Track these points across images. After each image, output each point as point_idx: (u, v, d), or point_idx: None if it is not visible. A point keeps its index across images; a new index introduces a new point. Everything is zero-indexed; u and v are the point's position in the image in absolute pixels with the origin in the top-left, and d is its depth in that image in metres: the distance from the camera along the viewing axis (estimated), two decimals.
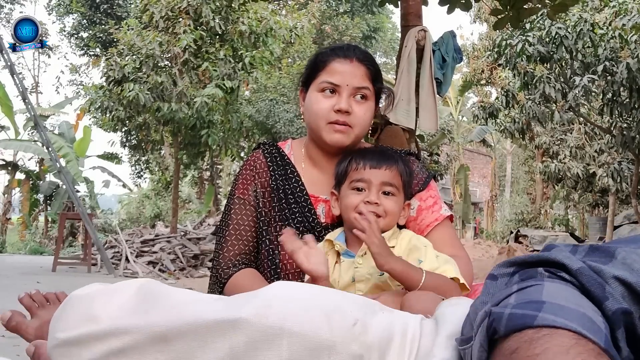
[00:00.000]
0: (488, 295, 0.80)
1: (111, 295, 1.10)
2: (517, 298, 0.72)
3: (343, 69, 1.49)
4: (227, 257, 1.52)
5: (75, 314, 1.10)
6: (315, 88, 1.51)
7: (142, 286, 1.11)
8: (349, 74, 1.48)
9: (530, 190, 22.24)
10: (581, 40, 8.72)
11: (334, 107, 1.47)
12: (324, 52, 1.55)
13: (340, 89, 1.48)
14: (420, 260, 1.34)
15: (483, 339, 0.73)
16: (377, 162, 1.43)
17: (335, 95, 1.49)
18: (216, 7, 10.75)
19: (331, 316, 0.97)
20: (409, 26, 4.47)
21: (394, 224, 1.43)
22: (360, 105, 1.50)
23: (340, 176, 1.48)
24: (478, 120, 11.30)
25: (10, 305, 1.35)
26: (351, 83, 1.48)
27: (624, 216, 12.47)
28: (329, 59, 1.51)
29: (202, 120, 10.82)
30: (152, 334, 1.01)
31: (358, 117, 1.49)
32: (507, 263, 0.82)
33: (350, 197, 1.43)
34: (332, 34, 19.54)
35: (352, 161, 1.46)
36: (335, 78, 1.48)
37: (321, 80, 1.50)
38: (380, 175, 1.42)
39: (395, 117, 4.30)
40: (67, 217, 10.36)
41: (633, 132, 9.24)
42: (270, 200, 1.56)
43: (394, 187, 1.43)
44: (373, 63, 1.54)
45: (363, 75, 1.50)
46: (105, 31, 18.27)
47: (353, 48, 1.54)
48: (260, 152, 1.63)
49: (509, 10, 4.68)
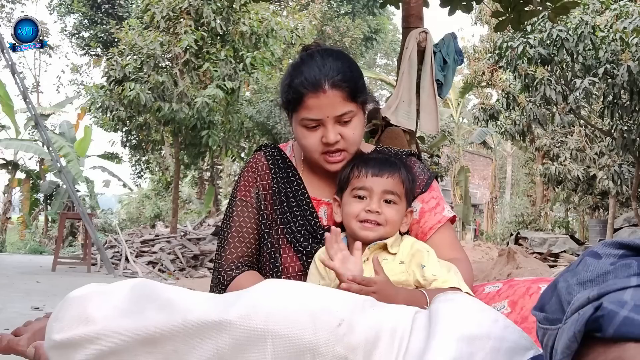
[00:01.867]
0: (588, 272, 0.68)
1: (106, 296, 1.11)
2: (635, 297, 0.61)
3: (319, 103, 1.42)
4: (229, 259, 1.52)
5: (70, 315, 1.11)
6: (297, 122, 1.47)
7: (135, 286, 1.11)
8: (327, 107, 1.42)
9: (531, 192, 22.24)
10: (582, 43, 8.72)
11: (322, 139, 1.45)
12: (295, 86, 1.45)
13: (322, 121, 1.44)
14: (423, 265, 1.34)
15: (579, 330, 0.63)
16: (379, 170, 1.42)
17: (320, 127, 1.45)
18: (217, 7, 10.76)
19: (316, 317, 0.97)
20: (410, 28, 4.48)
21: (395, 232, 1.43)
22: (348, 127, 1.46)
23: (343, 182, 1.47)
24: (479, 122, 11.31)
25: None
26: (331, 113, 1.43)
27: (624, 219, 12.47)
28: (302, 95, 1.43)
29: (202, 121, 10.82)
30: (141, 335, 1.02)
31: (349, 140, 1.46)
32: (617, 244, 0.70)
33: (352, 205, 1.42)
34: (333, 35, 19.55)
35: (354, 168, 1.45)
36: (314, 113, 1.43)
37: (301, 117, 1.45)
38: (382, 184, 1.41)
39: (396, 118, 4.30)
40: (67, 216, 10.36)
41: (633, 135, 9.24)
42: (272, 202, 1.56)
43: (395, 196, 1.42)
44: (348, 80, 1.44)
45: (341, 100, 1.43)
46: (106, 31, 18.29)
47: (324, 74, 1.43)
48: (262, 154, 1.62)
49: (510, 13, 4.68)
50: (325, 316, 0.97)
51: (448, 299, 1.05)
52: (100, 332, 1.05)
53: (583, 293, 0.65)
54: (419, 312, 1.05)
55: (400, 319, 1.02)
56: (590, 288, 0.65)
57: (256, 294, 1.01)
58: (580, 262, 0.72)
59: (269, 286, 1.04)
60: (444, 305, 1.03)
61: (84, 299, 1.12)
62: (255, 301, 0.99)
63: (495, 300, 1.34)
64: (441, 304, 1.04)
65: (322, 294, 1.03)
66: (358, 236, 1.40)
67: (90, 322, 1.07)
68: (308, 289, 1.05)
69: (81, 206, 9.66)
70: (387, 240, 1.39)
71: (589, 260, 0.70)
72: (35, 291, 6.17)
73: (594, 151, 12.52)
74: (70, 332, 1.08)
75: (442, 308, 1.02)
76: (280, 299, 0.99)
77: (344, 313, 0.99)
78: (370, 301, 1.06)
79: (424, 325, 1.00)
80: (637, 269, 0.64)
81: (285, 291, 1.02)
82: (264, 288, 1.03)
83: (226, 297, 1.04)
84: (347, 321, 0.97)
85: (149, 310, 1.04)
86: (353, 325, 0.98)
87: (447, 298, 1.06)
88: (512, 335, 0.98)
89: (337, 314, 0.98)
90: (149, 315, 1.03)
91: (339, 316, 0.98)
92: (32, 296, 5.49)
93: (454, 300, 1.04)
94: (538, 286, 1.28)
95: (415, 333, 0.99)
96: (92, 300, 1.11)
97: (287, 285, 1.05)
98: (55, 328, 1.11)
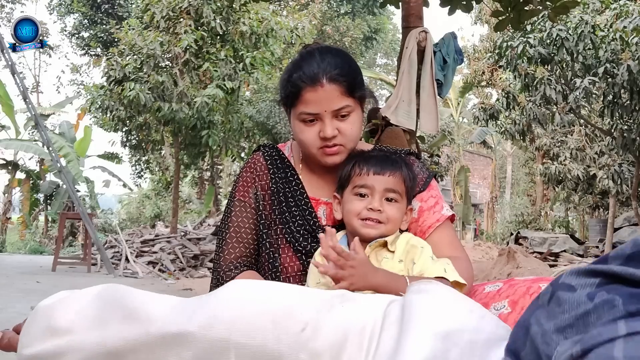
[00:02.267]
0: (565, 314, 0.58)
1: (72, 306, 1.10)
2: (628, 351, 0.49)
3: (317, 97, 1.43)
4: (227, 259, 1.52)
5: (37, 328, 1.11)
6: (295, 117, 1.48)
7: (102, 293, 1.11)
8: (325, 100, 1.43)
9: (531, 192, 22.25)
10: (582, 42, 8.72)
11: (319, 134, 1.46)
12: (293, 81, 1.46)
13: (320, 116, 1.45)
14: (414, 262, 1.34)
15: None
16: (380, 168, 1.42)
17: (317, 122, 1.46)
18: (217, 7, 10.75)
19: (279, 323, 0.94)
20: (410, 27, 4.47)
21: (396, 230, 1.43)
22: (346, 122, 1.46)
23: (344, 180, 1.47)
24: (478, 121, 11.30)
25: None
26: (329, 108, 1.44)
27: (624, 218, 12.47)
28: (300, 89, 1.44)
29: (202, 121, 10.82)
30: (106, 349, 1.01)
31: (346, 135, 1.46)
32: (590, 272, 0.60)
33: (353, 202, 1.42)
34: (332, 35, 19.54)
35: (355, 166, 1.45)
36: (312, 107, 1.44)
37: (299, 111, 1.46)
38: (383, 182, 1.41)
39: (396, 118, 4.30)
40: (67, 216, 10.36)
41: (634, 134, 9.24)
42: (271, 202, 1.56)
43: (397, 194, 1.42)
44: (345, 75, 1.45)
45: (339, 95, 1.44)
46: (106, 31, 18.28)
47: (322, 69, 1.44)
48: (260, 154, 1.63)
49: (510, 12, 4.68)
50: (288, 321, 0.95)
51: (422, 290, 1.02)
52: (66, 346, 1.04)
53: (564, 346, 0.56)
54: (392, 303, 1.01)
55: (371, 314, 0.98)
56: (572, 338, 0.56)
57: (218, 301, 0.98)
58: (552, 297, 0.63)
59: (232, 290, 1.01)
60: (417, 297, 1.00)
61: (51, 309, 1.12)
62: (216, 309, 0.96)
63: (495, 299, 1.34)
64: (414, 295, 1.01)
65: (286, 296, 1.00)
66: (359, 234, 1.40)
67: (57, 334, 1.06)
68: (272, 291, 1.02)
69: (81, 206, 9.65)
70: (388, 238, 1.39)
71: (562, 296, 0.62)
72: (36, 291, 6.17)
73: (594, 150, 12.51)
74: (38, 347, 1.07)
75: (415, 300, 0.99)
76: (242, 305, 0.97)
77: (309, 315, 0.96)
78: (340, 296, 1.03)
79: (397, 319, 0.97)
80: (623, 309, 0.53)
81: (247, 296, 0.99)
82: (227, 293, 1.00)
83: (190, 304, 1.02)
84: (312, 324, 0.95)
85: (114, 321, 1.03)
86: (318, 327, 0.95)
87: (420, 289, 1.03)
88: (489, 325, 0.96)
89: (301, 317, 0.96)
90: (113, 327, 1.02)
91: (303, 319, 0.95)
92: (32, 296, 5.49)
93: (427, 291, 1.01)
94: (539, 286, 1.28)
95: (387, 330, 0.96)
96: (58, 310, 1.10)
97: (251, 288, 1.02)
98: (25, 342, 1.11)
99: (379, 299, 1.04)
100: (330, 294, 1.04)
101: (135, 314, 1.02)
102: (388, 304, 1.01)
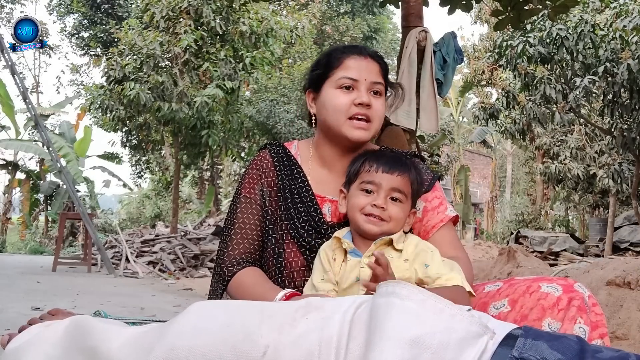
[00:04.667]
0: None
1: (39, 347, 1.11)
2: None
3: (359, 65, 1.52)
4: (232, 255, 1.53)
5: None
6: (331, 85, 1.53)
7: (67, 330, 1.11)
8: (366, 70, 1.52)
9: (531, 191, 22.24)
10: (582, 42, 8.71)
11: (354, 101, 1.50)
12: (336, 50, 1.58)
13: (358, 84, 1.51)
14: (427, 264, 1.34)
15: None
16: (390, 167, 1.44)
17: (352, 91, 1.51)
18: (217, 7, 10.75)
19: (239, 349, 0.92)
20: (409, 27, 4.47)
21: (398, 229, 1.43)
22: (377, 100, 1.54)
23: (352, 175, 1.49)
24: (478, 121, 11.29)
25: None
26: (369, 78, 1.52)
27: (624, 217, 12.46)
28: (343, 56, 1.54)
29: (202, 121, 10.81)
30: None
31: (376, 111, 1.53)
32: None
33: (359, 197, 1.44)
34: (332, 35, 19.54)
35: (365, 162, 1.47)
36: (353, 73, 1.52)
37: (339, 76, 1.52)
38: (391, 181, 1.43)
39: (396, 117, 4.30)
40: (67, 217, 10.36)
41: (633, 134, 9.23)
42: (277, 199, 1.57)
43: (402, 194, 1.43)
44: (383, 60, 1.59)
45: (378, 71, 1.54)
46: (106, 31, 18.28)
47: (363, 46, 1.60)
48: (267, 152, 1.65)
49: (510, 11, 4.68)
50: (248, 346, 0.93)
51: (389, 292, 1.00)
52: None
53: None
54: (361, 307, 0.99)
55: (337, 323, 0.96)
56: None
57: (176, 332, 0.97)
58: None
59: (190, 319, 0.99)
60: (385, 301, 0.98)
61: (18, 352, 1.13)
62: (174, 342, 0.95)
63: (495, 298, 1.34)
64: (382, 299, 0.99)
65: (247, 318, 0.98)
66: (361, 229, 1.41)
67: None
68: (233, 312, 1.00)
69: (81, 206, 9.65)
70: (393, 236, 1.40)
71: None
72: (36, 291, 6.17)
73: (594, 150, 12.50)
74: None
75: (383, 305, 0.97)
76: (201, 333, 0.95)
77: (270, 337, 0.94)
78: (304, 307, 1.01)
79: (365, 326, 0.95)
80: None
81: (206, 322, 0.97)
82: (185, 322, 0.99)
83: (149, 337, 1.01)
84: (272, 346, 0.93)
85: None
86: (280, 349, 0.93)
87: (388, 291, 1.01)
88: (461, 323, 0.94)
89: (261, 340, 0.94)
90: None
91: (264, 343, 0.93)
92: (32, 296, 5.49)
93: (395, 293, 0.99)
94: (538, 285, 1.28)
95: (355, 339, 0.94)
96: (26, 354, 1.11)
97: (210, 314, 1.00)
98: None
99: (347, 303, 1.01)
100: (295, 307, 1.02)
101: (97, 356, 1.02)
102: (356, 308, 0.99)
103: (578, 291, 1.24)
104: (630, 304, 3.50)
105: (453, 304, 0.98)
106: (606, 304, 3.57)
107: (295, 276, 1.49)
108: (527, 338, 0.92)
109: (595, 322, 1.23)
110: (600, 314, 1.25)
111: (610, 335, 3.38)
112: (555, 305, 1.22)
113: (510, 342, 0.92)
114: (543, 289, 1.26)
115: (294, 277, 1.49)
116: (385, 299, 0.98)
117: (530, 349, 0.88)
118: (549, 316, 1.22)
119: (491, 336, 0.93)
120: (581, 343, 0.90)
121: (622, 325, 3.40)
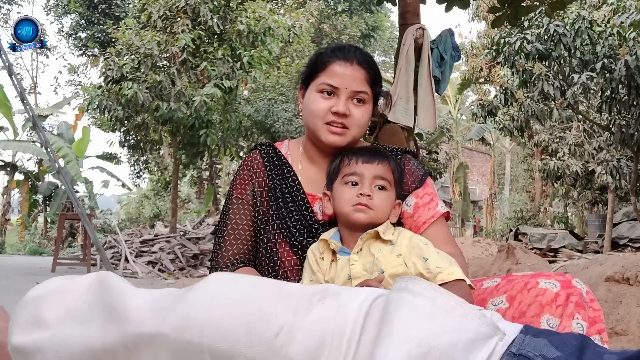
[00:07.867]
0: None
1: (62, 296, 1.11)
2: None
3: (343, 72, 1.50)
4: (225, 256, 1.54)
5: (25, 317, 1.11)
6: (314, 88, 1.53)
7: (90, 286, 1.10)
8: (349, 77, 1.50)
9: (530, 188, 22.25)
10: (579, 38, 8.71)
11: (331, 108, 1.49)
12: (325, 53, 1.56)
13: (338, 92, 1.50)
14: (426, 258, 1.33)
15: None
16: (369, 157, 1.45)
17: (333, 97, 1.50)
18: (214, 6, 10.73)
19: (253, 327, 0.92)
20: (407, 24, 4.47)
21: (385, 219, 1.44)
22: (358, 108, 1.51)
23: (332, 174, 1.49)
24: (477, 118, 11.30)
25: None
26: (350, 86, 1.50)
27: (623, 213, 12.47)
28: (329, 60, 1.52)
29: (200, 120, 10.81)
30: (86, 348, 1.02)
31: (355, 120, 1.50)
32: None
33: (344, 191, 1.44)
34: (330, 33, 19.53)
35: (344, 158, 1.48)
36: (335, 80, 1.50)
37: (320, 81, 1.51)
38: (372, 169, 1.44)
39: (394, 115, 4.29)
40: (66, 217, 10.34)
41: (632, 130, 9.23)
42: (268, 199, 1.58)
43: (386, 182, 1.44)
44: (373, 67, 1.55)
45: (362, 79, 1.51)
46: (103, 31, 18.25)
47: (354, 50, 1.55)
48: (257, 152, 1.66)
49: (507, 8, 4.67)
50: (262, 324, 0.92)
51: (402, 288, 0.99)
52: (49, 341, 1.05)
53: None
54: (378, 299, 0.99)
55: (353, 313, 0.95)
56: None
57: (194, 300, 0.97)
58: None
59: (210, 288, 0.99)
60: (397, 296, 0.97)
61: (41, 299, 1.13)
62: (190, 310, 0.95)
63: (493, 295, 1.34)
64: (396, 293, 0.98)
65: (264, 296, 0.97)
66: (351, 220, 1.41)
67: (43, 327, 1.07)
68: (250, 290, 0.99)
69: (80, 207, 9.64)
70: (379, 227, 1.39)
71: None
72: None
73: (592, 146, 12.51)
74: (24, 336, 1.08)
75: (396, 300, 0.96)
76: (216, 305, 0.95)
77: (285, 318, 0.93)
78: (322, 292, 1.00)
79: (378, 320, 0.94)
80: None
81: (223, 295, 0.97)
82: (205, 290, 0.98)
83: (167, 301, 1.00)
84: (286, 328, 0.92)
85: (96, 319, 1.04)
86: (294, 331, 0.92)
87: (401, 286, 1.00)
88: (472, 324, 0.93)
89: (276, 320, 0.93)
90: (95, 325, 1.03)
91: (278, 323, 0.92)
92: None
93: (408, 289, 0.98)
94: (536, 281, 1.28)
95: (367, 332, 0.93)
96: (48, 302, 1.11)
97: (229, 286, 0.99)
98: (14, 329, 1.11)
99: (365, 294, 1.00)
100: (312, 290, 1.01)
101: (115, 313, 1.02)
102: (373, 300, 0.98)
103: (576, 287, 1.24)
104: (629, 300, 3.50)
105: (465, 302, 0.98)
106: (605, 299, 3.57)
107: (289, 275, 1.49)
108: (526, 335, 0.92)
109: (593, 317, 1.23)
110: (598, 309, 1.25)
111: (609, 331, 3.39)
112: (553, 301, 1.22)
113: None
114: (541, 285, 1.26)
115: (287, 277, 1.49)
116: (398, 295, 0.98)
117: (528, 345, 0.88)
118: (547, 312, 1.22)
119: (501, 337, 0.92)
120: (583, 340, 0.89)
121: (622, 321, 3.40)
